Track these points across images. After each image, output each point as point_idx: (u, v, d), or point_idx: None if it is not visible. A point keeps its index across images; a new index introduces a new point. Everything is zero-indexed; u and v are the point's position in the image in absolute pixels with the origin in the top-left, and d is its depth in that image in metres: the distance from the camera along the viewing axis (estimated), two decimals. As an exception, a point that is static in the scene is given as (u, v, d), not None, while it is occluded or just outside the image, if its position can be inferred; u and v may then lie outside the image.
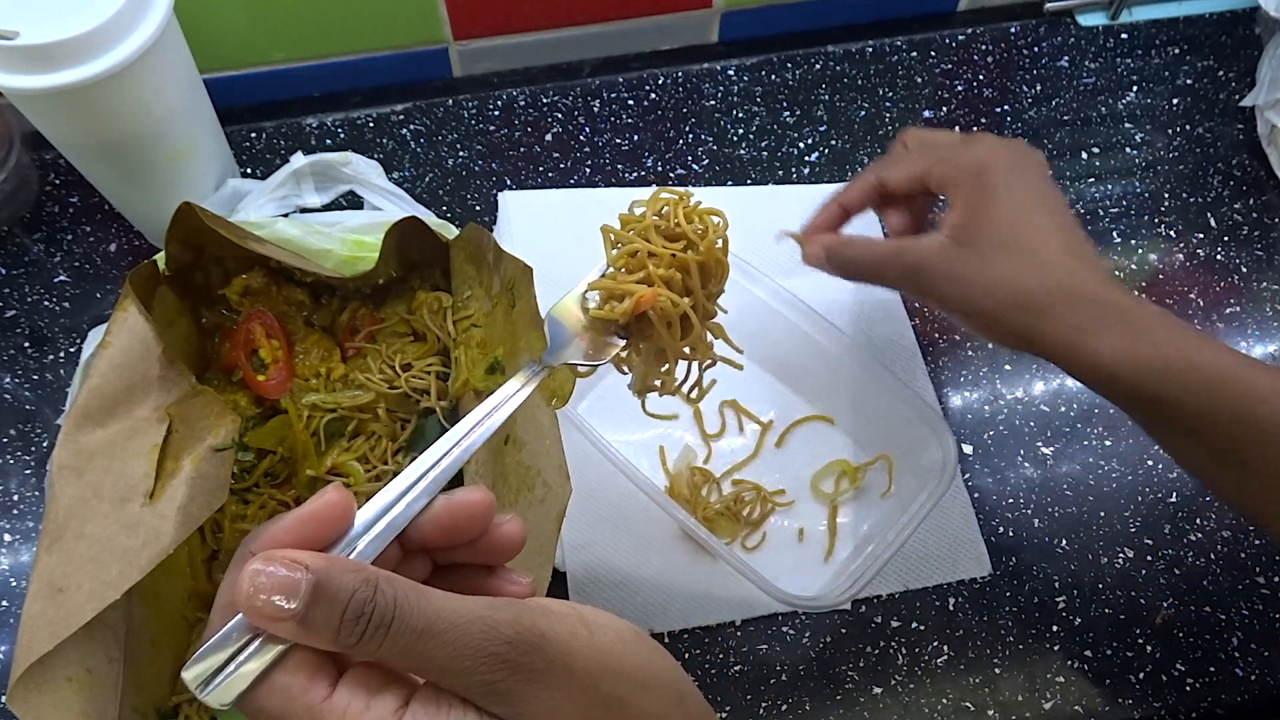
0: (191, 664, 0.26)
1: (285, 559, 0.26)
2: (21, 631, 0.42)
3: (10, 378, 0.65)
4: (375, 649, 0.26)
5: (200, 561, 0.54)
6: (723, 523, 0.61)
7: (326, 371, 0.58)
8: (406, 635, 0.26)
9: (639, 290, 0.41)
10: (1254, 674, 0.58)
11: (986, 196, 0.49)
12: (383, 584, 0.27)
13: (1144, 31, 0.84)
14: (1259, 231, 0.74)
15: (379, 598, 0.26)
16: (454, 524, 0.31)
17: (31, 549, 0.60)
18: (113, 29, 0.53)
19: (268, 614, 0.26)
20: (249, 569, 0.26)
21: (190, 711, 0.51)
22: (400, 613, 0.26)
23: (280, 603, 0.26)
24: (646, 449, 0.64)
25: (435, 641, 0.26)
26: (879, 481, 0.63)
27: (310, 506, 0.29)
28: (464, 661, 0.26)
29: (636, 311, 0.41)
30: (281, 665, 0.27)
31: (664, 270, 0.42)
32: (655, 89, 0.79)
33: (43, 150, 0.72)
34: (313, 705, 0.26)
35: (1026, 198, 0.49)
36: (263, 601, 0.26)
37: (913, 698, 0.57)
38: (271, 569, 0.26)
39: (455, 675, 0.27)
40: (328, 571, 0.26)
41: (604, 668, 0.29)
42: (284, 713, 0.27)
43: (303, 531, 0.28)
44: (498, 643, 0.27)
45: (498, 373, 0.55)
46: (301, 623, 0.26)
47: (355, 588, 0.26)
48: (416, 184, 0.74)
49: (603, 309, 0.42)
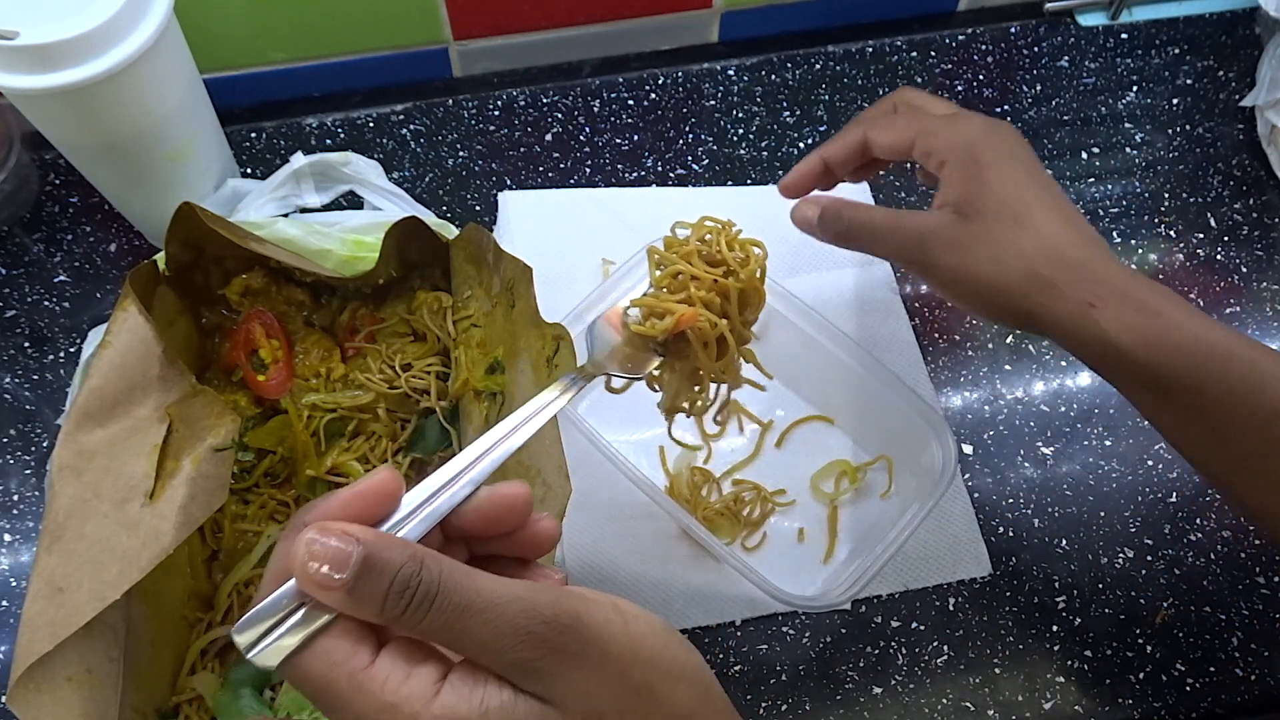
0: (241, 626, 0.28)
1: (339, 531, 0.28)
2: (21, 631, 0.42)
3: (10, 378, 0.65)
4: (418, 622, 0.27)
5: (200, 561, 0.54)
6: (723, 523, 0.61)
7: (326, 371, 0.58)
8: (449, 610, 0.27)
9: (680, 309, 0.43)
10: (1254, 674, 0.58)
11: (983, 171, 0.48)
12: (428, 561, 0.28)
13: (1144, 31, 0.84)
14: (1259, 231, 0.74)
15: (425, 573, 0.27)
16: (496, 514, 0.32)
17: (31, 549, 0.60)
18: (113, 29, 0.53)
19: (319, 582, 0.27)
20: (304, 537, 0.27)
21: (190, 711, 0.51)
22: (444, 588, 0.27)
23: (331, 572, 0.27)
24: (646, 449, 0.64)
25: (476, 618, 0.27)
26: (879, 481, 0.63)
27: (363, 484, 0.30)
28: (503, 639, 0.27)
29: (676, 330, 0.43)
30: (326, 633, 0.28)
31: (705, 293, 0.43)
32: (655, 89, 0.79)
33: (43, 150, 0.72)
34: (355, 671, 0.27)
35: (1022, 173, 0.49)
36: (315, 569, 0.27)
37: (913, 698, 0.57)
38: (325, 539, 0.27)
39: (493, 652, 0.28)
40: (377, 545, 0.27)
41: (636, 656, 0.29)
42: (327, 678, 0.28)
43: (354, 507, 0.30)
44: (536, 622, 0.28)
45: (498, 373, 0.55)
46: (350, 593, 0.27)
47: (403, 562, 0.27)
48: (416, 184, 0.74)
49: (643, 324, 0.43)
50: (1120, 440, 0.65)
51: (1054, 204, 0.48)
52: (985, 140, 0.49)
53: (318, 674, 0.28)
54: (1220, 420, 0.46)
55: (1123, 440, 0.65)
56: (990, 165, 0.48)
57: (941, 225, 0.49)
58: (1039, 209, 0.48)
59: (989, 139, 0.50)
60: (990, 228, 0.48)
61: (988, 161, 0.49)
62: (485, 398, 0.55)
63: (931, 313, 0.70)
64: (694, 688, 0.31)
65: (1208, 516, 0.63)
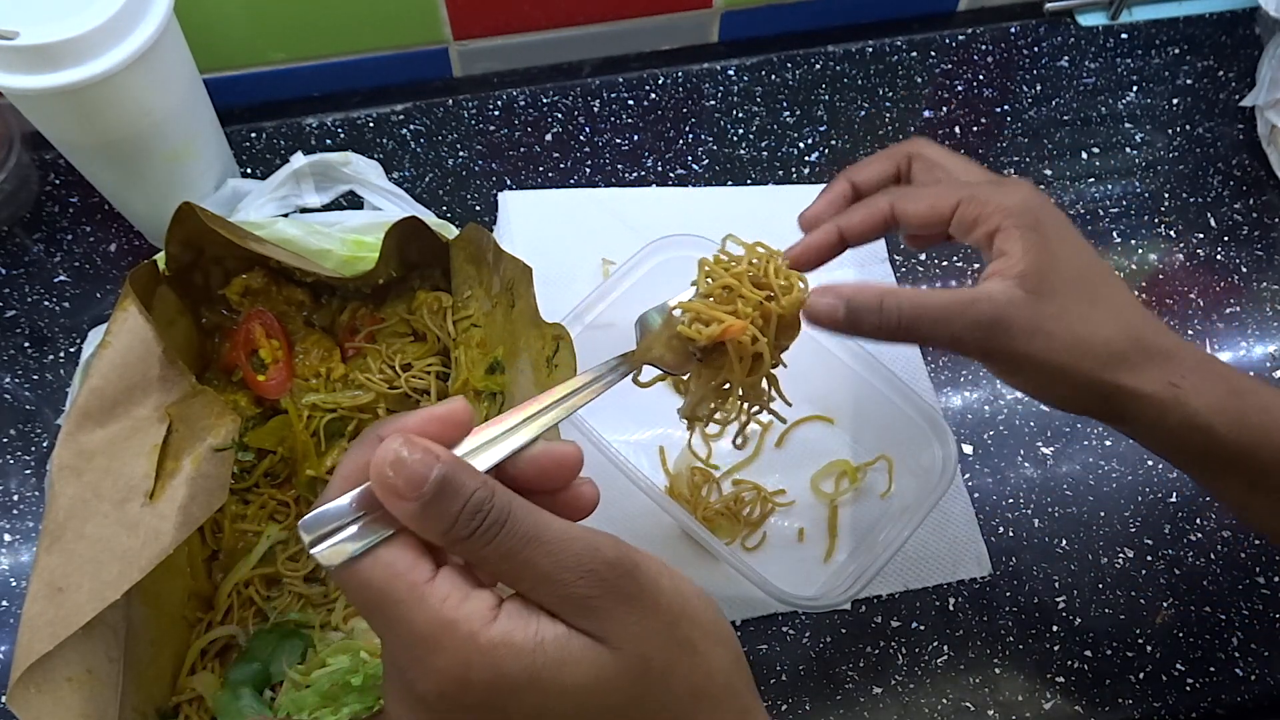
0: (308, 523, 0.28)
1: (423, 445, 0.28)
2: (21, 631, 0.42)
3: (10, 378, 0.65)
4: (483, 545, 0.28)
5: (200, 561, 0.54)
6: (723, 523, 0.61)
7: (326, 371, 0.58)
8: (515, 538, 0.28)
9: (729, 319, 0.44)
10: (1254, 674, 0.58)
11: (1050, 243, 0.44)
12: (500, 491, 0.29)
13: (1144, 31, 0.84)
14: (1259, 231, 0.74)
15: (496, 500, 0.28)
16: (550, 467, 0.32)
17: (31, 549, 0.60)
18: (113, 29, 0.53)
19: (398, 489, 0.27)
20: (390, 444, 0.28)
21: (190, 711, 0.51)
22: (514, 517, 0.28)
23: (409, 485, 0.27)
24: (646, 449, 0.64)
25: (542, 549, 0.28)
26: (879, 482, 0.63)
27: (441, 409, 0.30)
28: (565, 572, 0.28)
29: (721, 338, 0.44)
30: (389, 543, 0.28)
31: (750, 310, 0.44)
32: (655, 89, 0.79)
33: (43, 150, 0.72)
34: (418, 584, 0.28)
35: (1083, 246, 0.45)
36: (392, 478, 0.27)
37: (913, 698, 0.57)
38: (408, 452, 0.28)
39: (552, 584, 0.28)
40: (455, 467, 0.28)
41: (684, 611, 0.30)
42: (387, 586, 0.28)
43: (430, 429, 0.30)
44: (598, 561, 0.28)
45: (497, 373, 0.55)
46: (426, 506, 0.27)
47: (476, 487, 0.28)
48: (416, 184, 0.74)
49: (690, 328, 0.44)
50: (1120, 440, 0.65)
51: (1117, 281, 0.46)
52: (1044, 208, 0.45)
53: (379, 581, 0.28)
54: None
55: (1123, 440, 0.65)
56: (1055, 237, 0.44)
57: (1013, 304, 0.43)
58: (1105, 284, 0.44)
59: (1046, 208, 0.45)
60: (1068, 306, 0.43)
61: (1052, 233, 0.44)
62: (485, 398, 0.55)
63: (931, 313, 0.70)
64: (730, 652, 0.32)
65: (1208, 516, 0.63)
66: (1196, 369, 0.44)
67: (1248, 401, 0.44)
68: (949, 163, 0.49)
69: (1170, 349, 0.44)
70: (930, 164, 0.50)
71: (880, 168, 0.51)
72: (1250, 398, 0.44)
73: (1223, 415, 0.43)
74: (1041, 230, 0.44)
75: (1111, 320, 0.43)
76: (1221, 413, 0.43)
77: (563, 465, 0.32)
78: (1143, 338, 0.44)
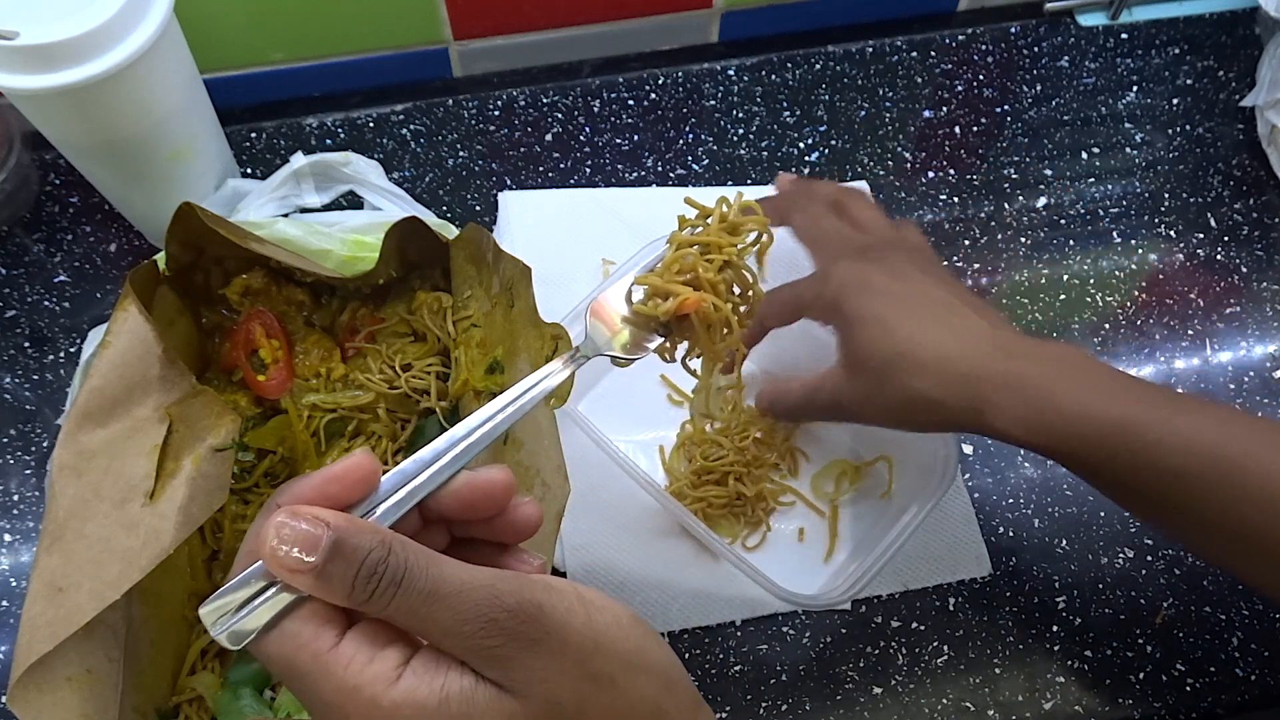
0: (209, 602, 0.28)
1: (309, 515, 0.28)
2: (21, 631, 0.42)
3: (10, 378, 0.65)
4: (384, 607, 0.28)
5: (200, 561, 0.54)
6: (723, 522, 0.61)
7: (326, 371, 0.58)
8: (414, 595, 0.28)
9: (685, 291, 0.43)
10: (1254, 674, 0.58)
11: (851, 327, 0.51)
12: (396, 546, 0.28)
13: (1144, 31, 0.84)
14: (1259, 231, 0.74)
15: (392, 559, 0.28)
16: (474, 499, 0.32)
17: (31, 549, 0.60)
18: (113, 29, 0.53)
19: (288, 565, 0.28)
20: (275, 520, 0.28)
21: (190, 712, 0.51)
22: (410, 574, 0.28)
23: (300, 555, 0.27)
24: (647, 449, 0.64)
25: (440, 604, 0.28)
26: (879, 482, 0.63)
27: (338, 467, 0.30)
28: (465, 625, 0.28)
29: (680, 313, 0.43)
30: (293, 613, 0.29)
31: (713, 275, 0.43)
32: (655, 89, 0.79)
33: (43, 150, 0.72)
34: (320, 653, 0.28)
35: (890, 309, 0.50)
36: (284, 553, 0.27)
37: (913, 698, 0.57)
38: (295, 523, 0.28)
39: (456, 638, 0.28)
40: (347, 530, 0.28)
41: (597, 646, 0.30)
42: (291, 658, 0.28)
43: (328, 490, 0.30)
44: (498, 610, 0.28)
45: (497, 373, 0.55)
46: (318, 576, 0.28)
47: (371, 548, 0.28)
48: (416, 184, 0.74)
49: (646, 305, 0.43)
50: (1120, 440, 0.65)
51: (926, 316, 0.50)
52: (845, 292, 0.51)
53: (283, 654, 0.28)
54: (1131, 492, 0.47)
55: (1123, 440, 0.65)
56: (856, 319, 0.50)
57: (840, 391, 0.52)
58: (910, 340, 0.49)
59: (849, 287, 0.51)
60: (877, 377, 0.50)
61: (852, 315, 0.50)
62: (485, 398, 0.55)
63: (931, 313, 0.70)
64: (657, 679, 0.31)
65: (1208, 516, 0.63)
66: (999, 385, 0.47)
67: (1043, 406, 0.46)
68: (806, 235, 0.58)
69: (976, 375, 0.47)
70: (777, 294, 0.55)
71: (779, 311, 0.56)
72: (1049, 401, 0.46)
73: (1020, 426, 0.46)
74: (845, 319, 0.51)
75: (918, 375, 0.48)
76: (1019, 424, 0.46)
77: (489, 495, 0.32)
78: (949, 375, 0.48)
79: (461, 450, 0.33)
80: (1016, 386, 0.47)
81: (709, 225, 0.45)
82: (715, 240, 0.44)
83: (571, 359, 0.39)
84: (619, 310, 0.44)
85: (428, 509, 0.32)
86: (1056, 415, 0.46)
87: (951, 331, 0.49)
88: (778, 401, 0.57)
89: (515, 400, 0.35)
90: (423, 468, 0.32)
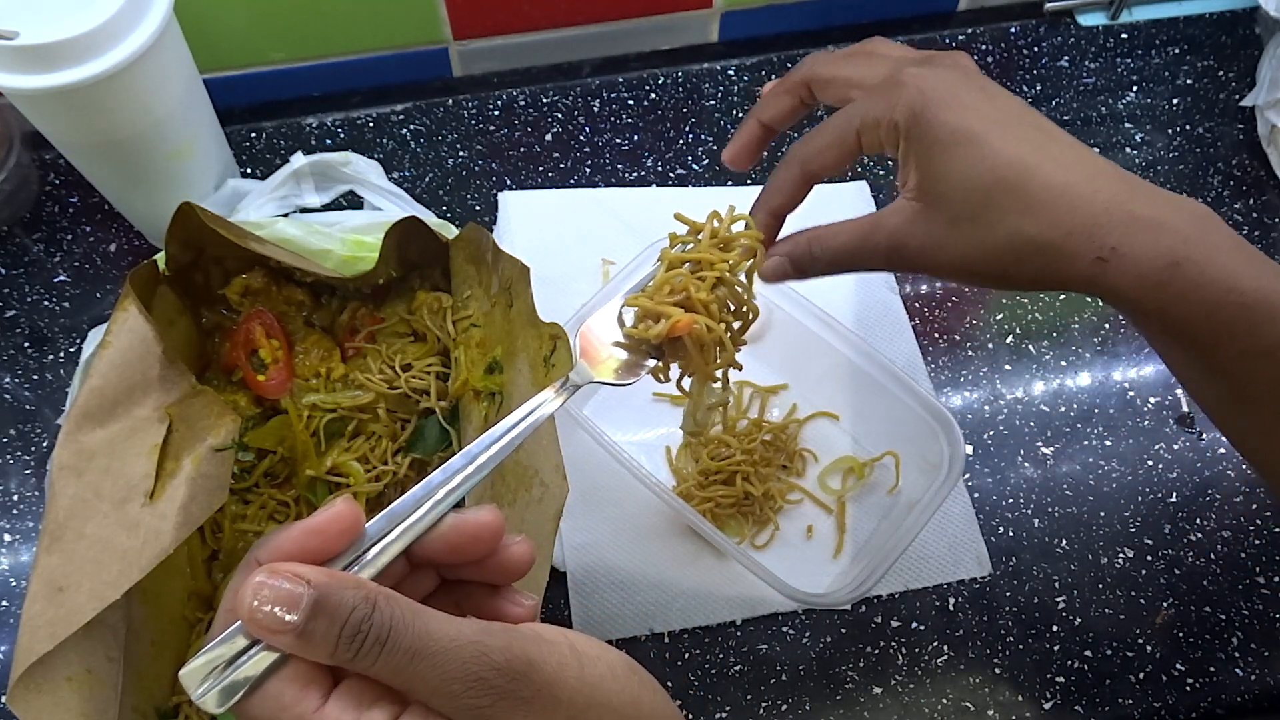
0: (189, 664, 0.27)
1: (289, 573, 0.27)
2: (21, 631, 0.42)
3: (10, 378, 0.65)
4: (369, 666, 0.27)
5: (200, 561, 0.54)
6: (731, 521, 0.61)
7: (326, 371, 0.58)
8: (399, 655, 0.27)
9: (676, 313, 0.41)
10: (1254, 674, 0.58)
11: (938, 144, 0.40)
12: (381, 602, 0.27)
13: (1144, 31, 0.84)
14: (1259, 231, 0.74)
15: (376, 616, 0.27)
16: (462, 543, 0.31)
17: (31, 549, 0.60)
18: (113, 29, 0.53)
19: (268, 625, 0.26)
20: (253, 580, 0.27)
21: (190, 712, 0.51)
22: (395, 632, 0.27)
23: (281, 615, 0.26)
24: (650, 449, 0.64)
25: (427, 663, 0.27)
26: (886, 479, 0.63)
27: (319, 519, 0.29)
28: (453, 684, 0.27)
29: (672, 335, 0.42)
30: (277, 674, 0.27)
31: (705, 295, 0.42)
32: (655, 89, 0.79)
33: (43, 150, 0.72)
34: (304, 716, 0.27)
35: (989, 127, 0.40)
36: (264, 614, 0.26)
37: (913, 698, 0.57)
38: (275, 582, 0.27)
39: (444, 697, 0.27)
40: (329, 587, 0.27)
41: (590, 700, 0.29)
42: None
43: (309, 543, 0.29)
44: (487, 668, 0.27)
45: (497, 372, 0.55)
46: (300, 636, 0.27)
47: (354, 605, 0.27)
48: (416, 184, 0.74)
49: (637, 328, 0.42)
50: (1120, 440, 0.65)
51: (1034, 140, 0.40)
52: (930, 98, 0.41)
53: (266, 717, 0.27)
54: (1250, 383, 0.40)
55: (1123, 440, 0.65)
56: (943, 135, 0.40)
57: (906, 224, 0.42)
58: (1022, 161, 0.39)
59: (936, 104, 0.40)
60: (967, 211, 0.40)
61: (940, 129, 0.40)
62: (485, 398, 0.55)
63: (931, 313, 0.70)
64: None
65: (1208, 516, 0.63)
66: (1127, 232, 0.38)
67: (1175, 266, 0.37)
68: (847, 71, 0.45)
69: (1101, 215, 0.38)
70: (826, 84, 0.46)
71: (780, 106, 0.48)
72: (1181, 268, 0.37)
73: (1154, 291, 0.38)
74: (928, 134, 0.40)
75: (1020, 213, 0.39)
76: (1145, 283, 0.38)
77: (478, 539, 0.31)
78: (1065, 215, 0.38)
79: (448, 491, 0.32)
80: (1155, 234, 0.38)
81: (700, 241, 0.44)
82: (706, 257, 0.43)
83: (563, 387, 0.38)
84: (611, 334, 0.43)
85: (415, 554, 0.31)
86: (1198, 276, 0.37)
87: (1067, 162, 0.39)
88: (820, 243, 0.44)
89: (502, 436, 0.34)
90: (409, 510, 0.31)
